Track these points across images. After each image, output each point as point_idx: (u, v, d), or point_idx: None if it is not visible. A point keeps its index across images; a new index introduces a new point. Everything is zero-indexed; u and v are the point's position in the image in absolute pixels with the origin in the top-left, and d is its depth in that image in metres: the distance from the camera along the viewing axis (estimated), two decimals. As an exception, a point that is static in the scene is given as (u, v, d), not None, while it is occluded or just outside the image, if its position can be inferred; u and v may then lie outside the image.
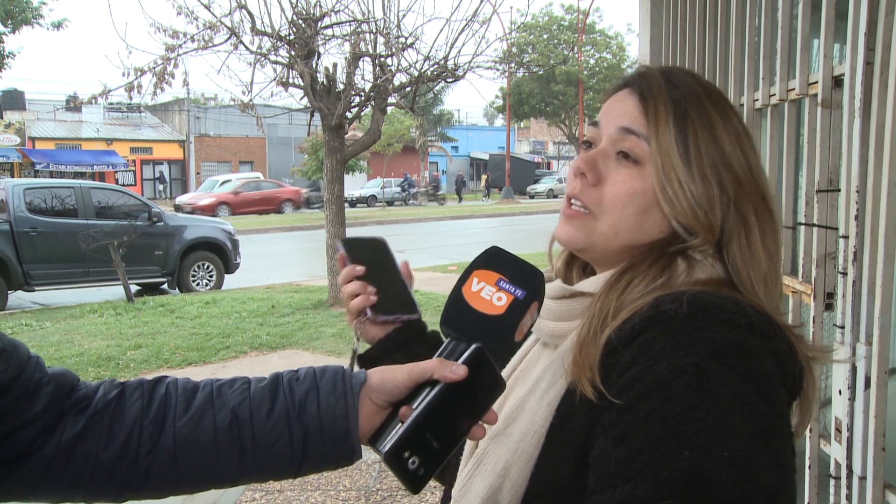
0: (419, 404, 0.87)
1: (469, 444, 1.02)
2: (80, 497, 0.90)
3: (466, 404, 0.88)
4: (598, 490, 0.77)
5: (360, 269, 1.15)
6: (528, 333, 0.96)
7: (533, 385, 0.94)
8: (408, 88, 9.28)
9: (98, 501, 0.91)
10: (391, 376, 0.91)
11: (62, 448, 0.87)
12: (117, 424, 0.89)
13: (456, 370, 0.87)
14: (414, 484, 0.85)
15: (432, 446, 0.85)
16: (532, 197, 42.41)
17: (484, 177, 44.15)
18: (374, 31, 8.77)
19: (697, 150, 0.90)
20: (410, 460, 0.83)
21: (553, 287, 0.99)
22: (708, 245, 0.91)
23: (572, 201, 0.97)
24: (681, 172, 0.90)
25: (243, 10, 8.30)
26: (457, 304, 0.92)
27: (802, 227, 2.22)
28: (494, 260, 0.94)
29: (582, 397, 0.84)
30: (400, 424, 0.86)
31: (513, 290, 0.92)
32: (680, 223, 0.91)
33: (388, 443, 0.84)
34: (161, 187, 40.19)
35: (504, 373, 1.05)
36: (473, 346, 0.89)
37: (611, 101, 0.98)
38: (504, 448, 0.92)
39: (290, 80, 8.77)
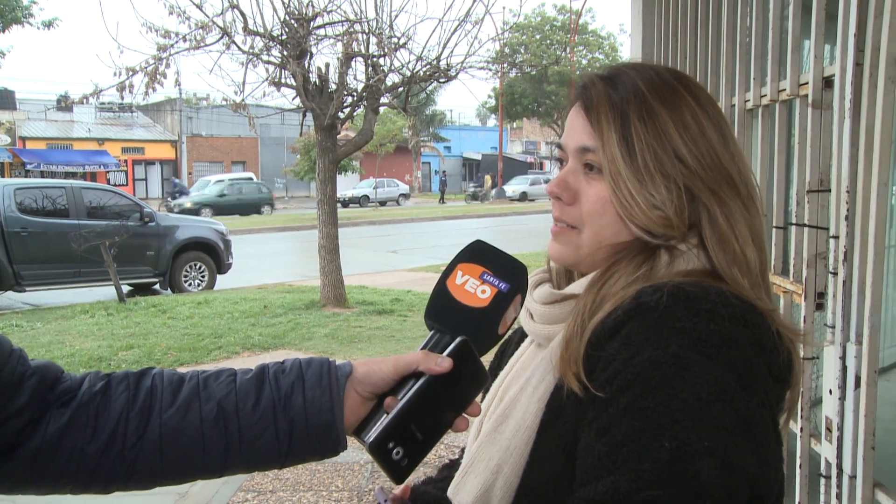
0: (404, 396, 0.88)
1: (468, 445, 1.03)
2: (67, 489, 0.90)
3: (450, 396, 0.89)
4: (583, 483, 0.78)
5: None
6: (512, 326, 0.97)
7: (524, 383, 0.94)
8: (400, 88, 9.28)
9: (85, 493, 0.91)
10: (377, 368, 0.92)
11: (48, 441, 0.87)
12: (103, 417, 0.89)
13: (441, 363, 0.88)
14: (398, 474, 0.86)
15: (416, 437, 0.86)
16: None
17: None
18: (367, 31, 8.76)
19: (642, 150, 0.91)
20: (395, 451, 0.84)
21: (543, 292, 1.00)
22: (685, 236, 0.92)
23: (558, 223, 0.99)
24: (628, 178, 0.91)
25: (235, 10, 8.28)
26: (441, 297, 0.93)
27: (793, 228, 2.23)
28: (478, 253, 0.95)
29: (570, 392, 0.85)
30: (385, 415, 0.87)
31: (497, 283, 0.93)
32: (637, 226, 0.92)
33: (373, 434, 0.85)
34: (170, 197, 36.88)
35: (502, 374, 1.06)
36: (458, 339, 0.90)
37: (568, 119, 1.00)
38: (496, 446, 0.92)
39: (283, 80, 8.75)
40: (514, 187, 41.26)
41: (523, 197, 39.92)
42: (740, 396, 0.76)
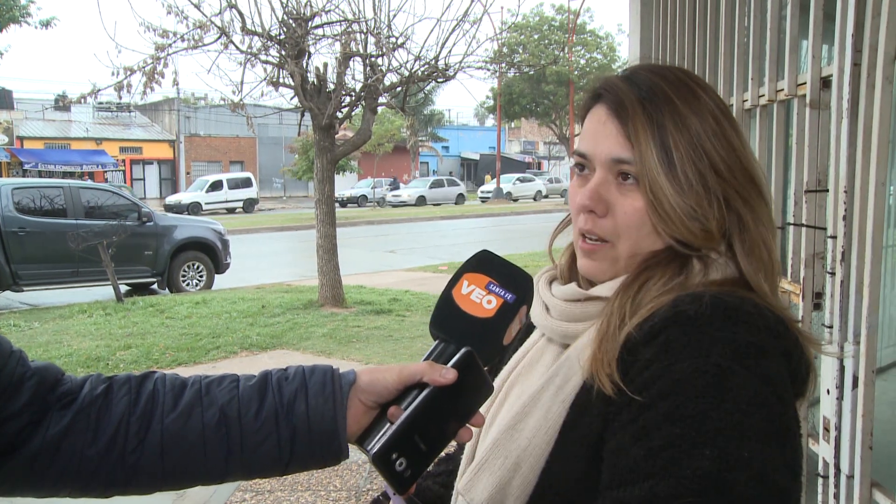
0: (408, 406, 0.87)
1: (470, 442, 1.02)
2: (66, 493, 0.90)
3: (454, 407, 0.89)
4: (615, 485, 0.78)
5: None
6: (517, 337, 0.97)
7: (546, 381, 0.93)
8: (398, 88, 9.27)
9: (83, 497, 0.91)
10: (381, 377, 0.91)
11: (47, 443, 0.87)
12: (104, 420, 0.89)
13: (445, 374, 0.87)
14: (400, 485, 0.85)
15: (420, 448, 0.85)
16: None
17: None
18: (365, 30, 8.76)
19: (681, 161, 0.89)
20: (398, 462, 0.84)
21: (568, 290, 0.99)
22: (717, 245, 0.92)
23: (587, 237, 0.97)
24: (668, 191, 0.89)
25: (233, 10, 8.27)
26: (446, 307, 0.92)
27: (791, 227, 2.24)
28: (485, 263, 0.94)
29: (598, 393, 0.85)
30: (388, 425, 0.86)
31: (503, 294, 0.92)
32: (675, 239, 0.91)
33: (377, 444, 0.84)
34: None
35: (506, 368, 1.05)
36: (463, 350, 0.89)
37: (591, 124, 0.97)
38: (515, 444, 0.92)
39: (281, 80, 8.75)
40: (409, 191, 38.23)
41: (421, 201, 37.12)
42: (777, 409, 0.77)
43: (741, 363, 0.78)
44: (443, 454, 1.19)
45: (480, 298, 0.92)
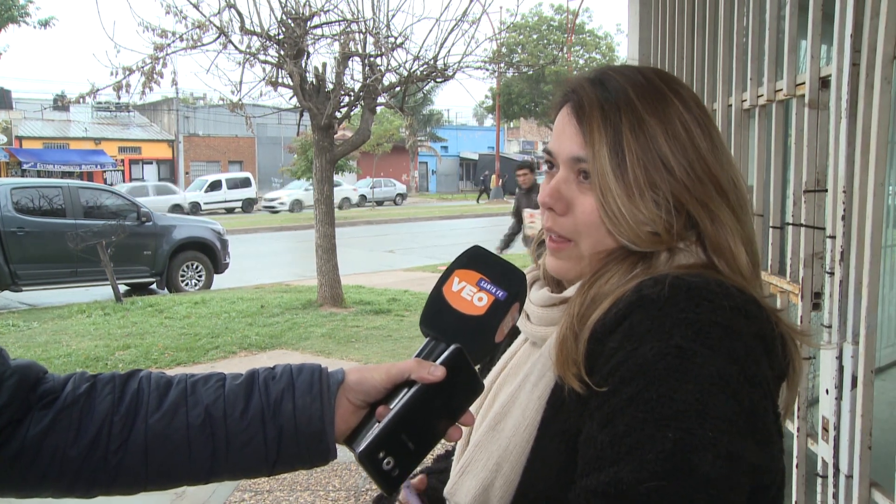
0: (395, 405, 0.86)
1: (460, 443, 1.02)
2: (48, 493, 0.88)
3: (443, 405, 0.88)
4: (585, 473, 0.78)
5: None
6: (510, 335, 0.96)
7: (522, 380, 0.94)
8: (397, 88, 9.27)
9: (67, 497, 0.90)
10: (369, 376, 0.90)
11: (28, 443, 0.86)
12: (87, 419, 0.87)
13: (433, 371, 0.86)
14: (388, 484, 0.84)
15: (408, 447, 0.84)
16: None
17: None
18: (364, 30, 8.76)
19: (633, 164, 0.89)
20: (385, 461, 0.83)
21: (541, 296, 1.00)
22: (683, 236, 0.91)
23: (552, 235, 0.98)
24: (617, 194, 0.89)
25: (232, 10, 8.27)
26: (436, 304, 0.91)
27: (790, 227, 2.24)
28: (476, 260, 0.93)
29: (571, 389, 0.85)
30: (376, 424, 0.85)
31: (494, 291, 0.91)
32: (626, 240, 0.91)
33: (363, 443, 0.84)
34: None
35: (493, 371, 1.05)
36: (452, 347, 0.88)
37: (558, 123, 0.98)
38: (495, 444, 0.91)
39: (280, 80, 8.75)
40: (286, 192, 33.93)
41: (295, 206, 32.35)
42: (743, 388, 0.76)
43: (704, 343, 0.77)
44: (443, 452, 1.19)
45: (471, 296, 0.90)
